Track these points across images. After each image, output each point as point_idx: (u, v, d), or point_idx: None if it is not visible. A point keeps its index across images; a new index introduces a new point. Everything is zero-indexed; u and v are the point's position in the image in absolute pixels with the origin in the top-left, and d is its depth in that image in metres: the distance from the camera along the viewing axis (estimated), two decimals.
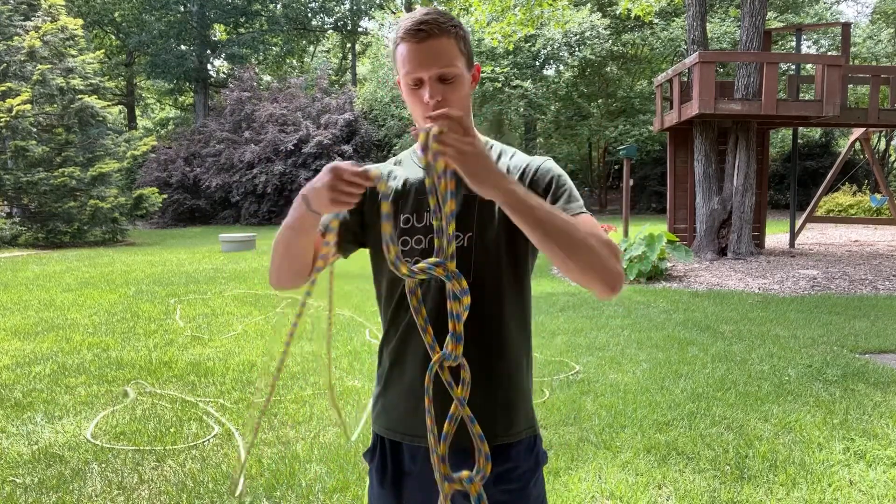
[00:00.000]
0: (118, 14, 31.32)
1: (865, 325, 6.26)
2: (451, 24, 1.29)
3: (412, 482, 1.39)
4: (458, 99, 1.31)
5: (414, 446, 1.38)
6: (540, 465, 1.43)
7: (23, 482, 3.13)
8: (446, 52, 1.28)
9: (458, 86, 1.31)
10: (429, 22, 1.27)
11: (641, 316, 6.84)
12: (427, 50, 1.27)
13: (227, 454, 3.44)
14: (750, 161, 11.01)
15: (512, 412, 1.38)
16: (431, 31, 1.26)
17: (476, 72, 1.37)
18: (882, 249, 12.86)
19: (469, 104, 1.37)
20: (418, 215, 1.37)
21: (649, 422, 3.77)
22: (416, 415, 1.34)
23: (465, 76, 1.32)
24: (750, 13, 10.96)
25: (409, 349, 1.36)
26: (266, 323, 6.79)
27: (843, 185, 21.08)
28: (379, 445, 1.45)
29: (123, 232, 19.20)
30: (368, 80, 27.21)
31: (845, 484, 2.99)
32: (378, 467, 1.44)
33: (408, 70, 1.29)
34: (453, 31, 1.29)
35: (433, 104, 1.28)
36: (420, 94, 1.30)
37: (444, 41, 1.28)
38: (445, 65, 1.28)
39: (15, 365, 5.23)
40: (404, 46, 1.29)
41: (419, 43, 1.27)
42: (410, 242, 1.36)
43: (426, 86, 1.28)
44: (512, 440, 1.37)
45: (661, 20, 24.08)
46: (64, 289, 9.18)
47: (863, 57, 26.29)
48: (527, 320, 1.43)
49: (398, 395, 1.40)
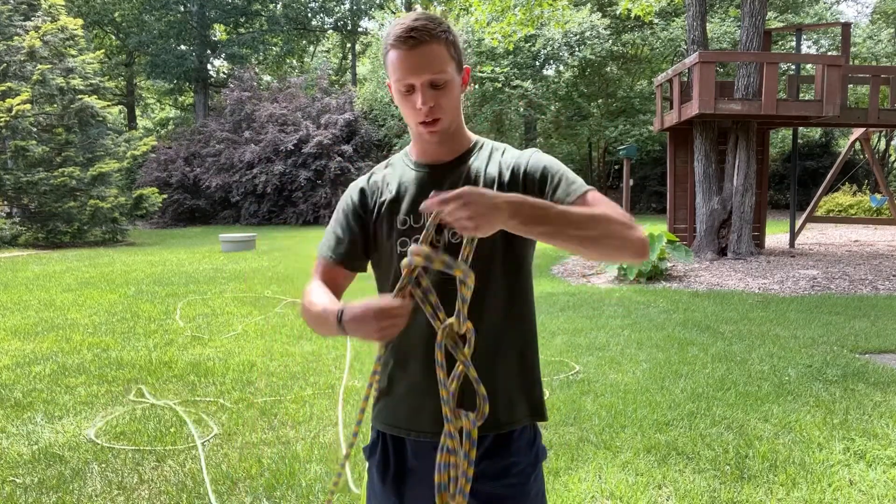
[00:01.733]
0: (118, 14, 31.30)
1: (865, 325, 6.25)
2: (440, 30, 1.31)
3: (415, 479, 1.40)
4: (448, 103, 1.34)
5: (419, 442, 1.39)
6: (540, 461, 1.44)
7: (23, 482, 3.13)
8: (437, 58, 1.30)
9: (449, 91, 1.33)
10: (418, 28, 1.28)
11: (641, 316, 6.84)
12: (418, 56, 1.29)
13: (227, 454, 3.43)
14: (750, 161, 11.01)
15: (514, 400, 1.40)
16: (421, 37, 1.28)
17: (466, 74, 1.39)
18: (882, 249, 12.86)
19: (460, 107, 1.40)
20: (415, 216, 1.39)
21: (649, 422, 3.77)
22: (421, 411, 1.38)
23: (455, 80, 1.35)
24: (750, 13, 10.96)
25: (411, 347, 1.38)
26: (266, 323, 6.79)
27: (843, 185, 21.07)
28: (380, 442, 1.45)
29: (123, 232, 19.19)
30: (368, 80, 27.20)
31: (845, 484, 2.99)
32: (379, 464, 1.45)
33: (399, 77, 1.31)
34: (443, 37, 1.31)
35: (425, 110, 1.31)
36: (412, 99, 1.32)
37: (434, 47, 1.30)
38: (436, 71, 1.30)
39: (15, 365, 5.23)
40: (395, 53, 1.31)
41: (410, 49, 1.29)
42: (409, 243, 1.37)
43: (418, 92, 1.31)
44: (514, 427, 1.40)
45: (661, 20, 24.07)
46: (64, 289, 9.18)
47: (863, 57, 26.28)
48: (528, 308, 1.45)
49: (403, 391, 1.42)
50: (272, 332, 6.37)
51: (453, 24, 3.66)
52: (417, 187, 1.41)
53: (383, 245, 1.43)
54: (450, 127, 1.38)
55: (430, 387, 1.29)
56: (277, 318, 7.00)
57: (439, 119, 1.34)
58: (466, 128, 1.47)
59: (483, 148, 1.46)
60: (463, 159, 1.43)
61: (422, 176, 1.43)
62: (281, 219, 24.73)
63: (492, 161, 1.42)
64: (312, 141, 23.93)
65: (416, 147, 1.47)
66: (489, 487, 1.37)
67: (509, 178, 1.38)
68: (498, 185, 1.38)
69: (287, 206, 24.72)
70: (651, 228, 9.42)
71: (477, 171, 1.41)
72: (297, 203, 24.48)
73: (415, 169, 1.45)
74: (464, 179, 1.39)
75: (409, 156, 1.49)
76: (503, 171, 1.39)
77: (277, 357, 5.41)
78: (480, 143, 1.47)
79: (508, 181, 1.38)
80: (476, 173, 1.40)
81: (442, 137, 1.38)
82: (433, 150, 1.43)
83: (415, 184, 1.42)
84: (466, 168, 1.42)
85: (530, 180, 1.37)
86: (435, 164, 1.43)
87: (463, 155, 1.44)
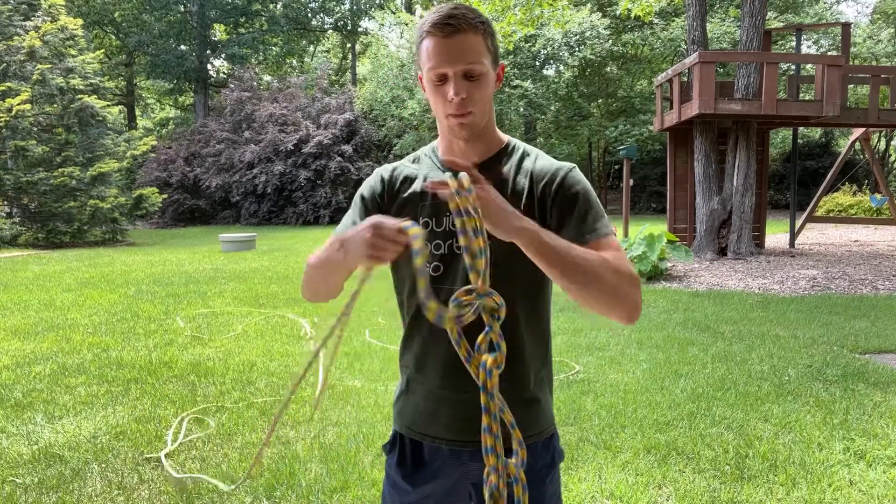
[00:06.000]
0: (118, 14, 31.30)
1: (865, 325, 6.25)
2: (479, 21, 1.26)
3: (429, 474, 1.41)
4: (481, 97, 1.28)
5: (434, 446, 1.39)
6: (556, 463, 1.44)
7: (23, 482, 3.13)
8: (473, 48, 1.25)
9: (483, 84, 1.28)
10: (457, 17, 1.23)
11: (642, 316, 6.82)
12: (454, 45, 1.23)
13: (227, 454, 3.44)
14: (750, 161, 11.02)
15: (533, 412, 1.39)
16: (459, 25, 1.23)
17: (501, 70, 1.34)
18: (882, 249, 12.86)
19: (491, 102, 1.35)
20: (437, 220, 1.35)
21: (649, 422, 3.77)
22: (436, 417, 1.37)
23: (490, 74, 1.29)
24: (750, 13, 10.96)
25: (430, 356, 1.37)
26: (266, 323, 6.79)
27: (843, 185, 21.08)
28: (399, 442, 1.46)
29: (123, 232, 19.20)
30: (368, 80, 27.19)
31: (845, 484, 2.99)
32: (397, 462, 1.45)
33: (433, 65, 1.25)
34: (481, 28, 1.26)
35: (457, 101, 1.26)
36: (444, 90, 1.26)
37: (471, 37, 1.24)
38: (472, 61, 1.24)
39: (15, 365, 5.23)
40: (430, 41, 1.25)
41: (446, 38, 1.23)
42: (430, 247, 1.35)
43: (450, 82, 1.25)
44: (535, 440, 1.39)
45: (661, 20, 24.07)
46: (64, 289, 9.18)
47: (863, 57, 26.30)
48: (546, 319, 1.43)
49: (420, 397, 1.41)
50: (272, 332, 6.37)
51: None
52: None
53: None
54: (481, 122, 1.32)
55: (446, 395, 1.29)
56: (277, 318, 7.00)
57: (471, 112, 1.28)
58: (497, 128, 1.41)
59: (515, 151, 1.40)
60: (492, 162, 1.37)
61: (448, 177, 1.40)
62: (281, 219, 24.73)
63: (522, 169, 1.36)
64: (312, 141, 23.93)
65: (443, 144, 1.41)
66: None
67: (540, 192, 1.33)
68: (527, 196, 1.33)
69: (287, 206, 24.72)
70: (651, 228, 9.42)
71: (506, 178, 1.35)
72: (297, 203, 24.48)
73: (442, 168, 1.38)
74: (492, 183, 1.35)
75: (436, 152, 1.43)
76: (534, 185, 1.34)
77: (277, 357, 5.41)
78: (512, 144, 1.41)
79: (539, 197, 1.33)
80: (505, 181, 1.35)
81: (472, 133, 1.32)
82: (462, 149, 1.36)
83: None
84: (495, 171, 1.35)
85: (562, 195, 1.31)
86: None
87: (492, 157, 1.38)
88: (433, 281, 1.34)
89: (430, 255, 1.33)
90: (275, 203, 24.78)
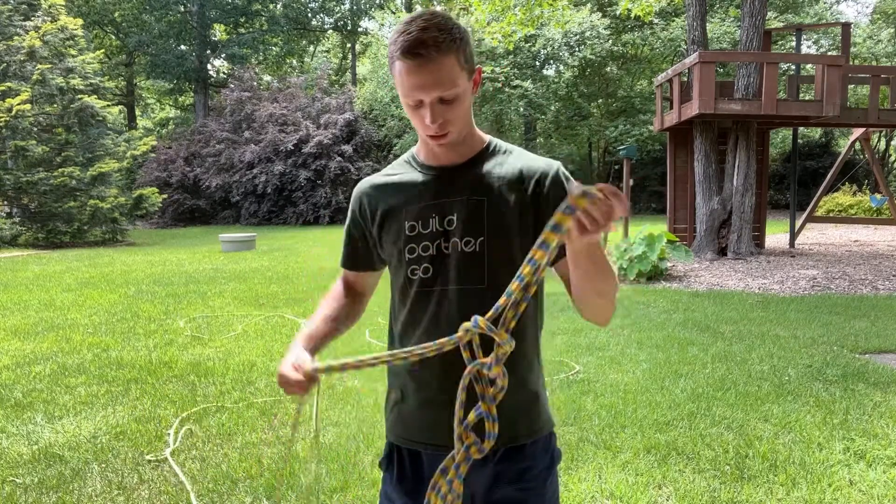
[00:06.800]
0: (118, 14, 31.31)
1: (865, 325, 6.25)
2: (450, 39, 1.22)
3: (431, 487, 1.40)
4: (458, 116, 1.29)
5: (434, 455, 1.36)
6: (555, 464, 1.44)
7: (23, 482, 3.13)
8: (446, 73, 1.22)
9: (459, 103, 1.27)
10: (427, 43, 1.19)
11: (641, 316, 6.84)
12: (427, 74, 1.21)
13: (227, 454, 3.43)
14: (750, 161, 11.01)
15: (532, 412, 1.40)
16: (429, 53, 1.20)
17: (477, 75, 1.33)
18: (882, 249, 12.86)
19: (470, 113, 1.35)
20: (423, 222, 1.35)
21: (649, 422, 3.77)
22: (435, 425, 1.35)
23: (466, 90, 1.28)
24: (750, 13, 10.96)
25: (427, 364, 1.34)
26: (266, 323, 6.79)
27: (843, 185, 21.07)
28: (396, 454, 1.44)
29: (123, 232, 19.20)
30: (368, 80, 27.21)
31: (845, 484, 2.99)
32: (396, 476, 1.43)
33: (406, 92, 1.25)
34: (453, 47, 1.22)
35: (435, 127, 1.27)
36: (420, 113, 1.27)
37: (443, 62, 1.21)
38: (446, 88, 1.23)
39: (15, 365, 5.23)
40: (402, 66, 1.22)
41: (419, 67, 1.21)
42: (417, 250, 1.35)
43: (427, 107, 1.25)
44: (534, 437, 1.39)
45: (661, 20, 24.08)
46: (64, 289, 9.18)
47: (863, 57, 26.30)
48: (539, 321, 1.44)
49: (416, 405, 1.40)
50: (272, 332, 6.37)
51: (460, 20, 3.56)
52: (425, 191, 1.37)
53: (391, 249, 1.40)
54: (459, 137, 1.33)
55: (446, 401, 1.28)
56: (277, 318, 7.00)
57: (449, 132, 1.29)
58: (477, 128, 1.41)
59: (497, 150, 1.41)
60: (475, 162, 1.38)
61: (430, 179, 1.38)
62: (281, 219, 24.74)
63: (507, 166, 1.37)
64: (312, 141, 23.94)
65: (424, 149, 1.42)
66: (505, 491, 1.36)
67: (532, 189, 1.33)
68: (517, 193, 1.33)
69: (287, 206, 24.73)
70: (651, 228, 9.42)
71: (490, 174, 1.35)
72: (297, 203, 24.48)
73: (422, 172, 1.40)
74: (476, 183, 1.35)
75: (417, 157, 1.43)
76: (525, 181, 1.34)
77: (277, 357, 5.40)
78: (493, 144, 1.42)
79: (531, 193, 1.33)
80: (489, 177, 1.35)
81: (452, 145, 1.34)
82: (443, 153, 1.37)
83: (423, 188, 1.37)
84: (479, 171, 1.36)
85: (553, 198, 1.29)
86: (445, 167, 1.38)
87: (475, 157, 1.38)
88: (423, 283, 1.35)
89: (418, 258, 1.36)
90: (275, 203, 24.79)
